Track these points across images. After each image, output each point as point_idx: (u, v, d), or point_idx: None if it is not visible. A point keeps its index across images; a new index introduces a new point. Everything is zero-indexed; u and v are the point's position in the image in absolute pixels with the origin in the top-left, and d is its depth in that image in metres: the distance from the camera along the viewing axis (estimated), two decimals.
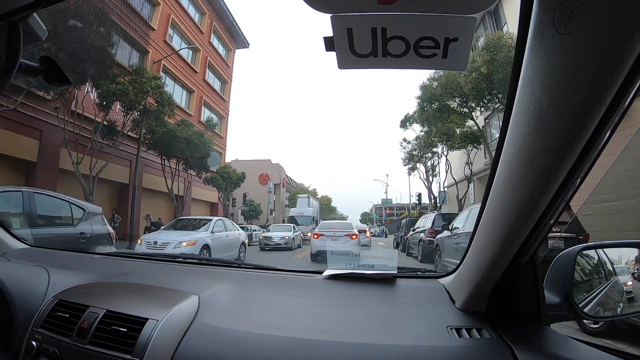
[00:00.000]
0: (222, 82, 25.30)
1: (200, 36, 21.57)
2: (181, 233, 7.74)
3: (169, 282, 1.11)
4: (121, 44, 13.10)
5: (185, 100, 20.69)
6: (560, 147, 0.51)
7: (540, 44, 0.47)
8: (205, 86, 22.33)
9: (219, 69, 24.25)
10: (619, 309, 0.91)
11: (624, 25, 0.39)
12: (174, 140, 14.71)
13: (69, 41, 9.34)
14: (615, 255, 0.92)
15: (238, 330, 0.83)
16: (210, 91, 23.22)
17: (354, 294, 1.07)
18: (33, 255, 1.45)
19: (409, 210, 32.66)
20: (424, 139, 18.74)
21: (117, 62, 12.27)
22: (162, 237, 7.41)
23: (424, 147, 19.19)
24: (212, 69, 23.38)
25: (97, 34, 10.67)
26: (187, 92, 20.91)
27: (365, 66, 0.56)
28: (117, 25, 12.17)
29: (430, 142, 18.11)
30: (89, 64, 10.48)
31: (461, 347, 0.75)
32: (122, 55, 13.05)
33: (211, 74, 23.49)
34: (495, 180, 0.65)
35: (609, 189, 5.95)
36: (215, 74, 24.15)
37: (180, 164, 16.40)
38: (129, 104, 12.56)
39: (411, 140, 20.53)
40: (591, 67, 0.43)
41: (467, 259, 0.88)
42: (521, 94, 0.53)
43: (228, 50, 25.75)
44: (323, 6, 0.49)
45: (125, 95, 11.98)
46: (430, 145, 18.49)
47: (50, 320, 0.92)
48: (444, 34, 0.52)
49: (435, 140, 17.27)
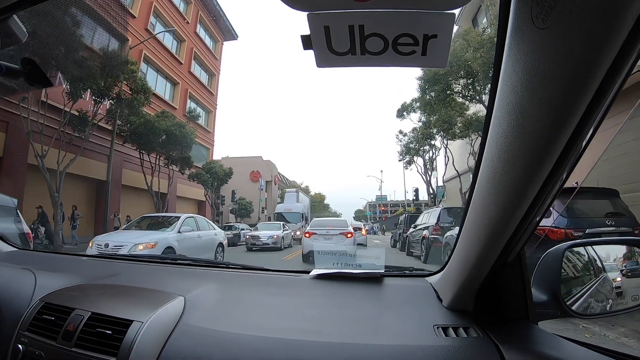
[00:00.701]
0: (210, 75, 25.07)
1: (186, 26, 21.29)
2: (140, 233, 6.98)
3: (155, 284, 1.13)
4: (98, 31, 12.65)
5: (169, 92, 20.40)
6: (542, 144, 0.52)
7: (520, 39, 0.47)
8: (191, 78, 22.08)
9: (206, 60, 24.00)
10: (608, 306, 0.95)
11: (602, 17, 0.39)
12: (151, 132, 14.13)
13: (41, 26, 8.93)
14: (602, 253, 0.95)
15: (224, 331, 0.85)
16: (197, 84, 22.96)
17: (341, 294, 1.09)
18: (20, 258, 1.48)
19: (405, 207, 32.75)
20: (422, 131, 18.34)
21: (92, 49, 11.75)
22: (116, 239, 6.58)
23: (422, 139, 18.81)
24: (198, 60, 23.13)
25: (72, 19, 10.25)
26: (171, 84, 20.57)
27: (343, 64, 0.57)
28: (93, 10, 11.74)
29: (428, 133, 17.68)
30: (61, 50, 9.99)
31: (448, 347, 0.77)
32: (98, 42, 12.54)
33: (197, 66, 23.27)
34: (478, 179, 0.67)
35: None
36: (202, 66, 23.92)
37: (161, 159, 15.83)
38: (98, 91, 11.95)
39: (407, 133, 20.22)
40: (571, 62, 0.43)
41: (453, 258, 0.90)
42: (502, 91, 0.54)
43: (215, 41, 25.54)
44: (299, 4, 0.50)
45: (94, 81, 11.34)
46: (429, 137, 18.10)
47: (37, 323, 0.94)
48: (423, 30, 0.52)
49: (434, 132, 16.83)
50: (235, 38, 26.86)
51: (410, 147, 20.15)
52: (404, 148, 20.48)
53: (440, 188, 20.85)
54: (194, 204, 23.09)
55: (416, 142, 19.72)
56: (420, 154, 20.27)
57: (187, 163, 17.14)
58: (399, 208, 43.46)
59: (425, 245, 8.50)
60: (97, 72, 11.38)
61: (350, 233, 8.86)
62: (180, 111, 19.94)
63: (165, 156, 15.91)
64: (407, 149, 20.35)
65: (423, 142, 19.13)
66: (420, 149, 19.96)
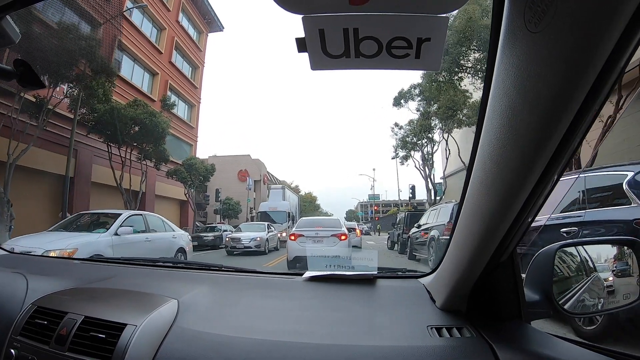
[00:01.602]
0: (193, 67, 24.59)
1: (167, 14, 20.76)
2: (64, 235, 5.81)
3: (148, 287, 1.16)
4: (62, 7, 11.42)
5: (147, 83, 19.66)
6: (534, 145, 0.55)
7: (513, 42, 0.50)
8: (171, 69, 21.56)
9: (189, 51, 23.53)
10: (599, 305, 1.00)
11: (594, 21, 0.41)
12: (119, 122, 12.97)
13: None
14: (594, 252, 1.00)
15: (217, 334, 0.88)
16: (178, 75, 22.45)
17: (334, 296, 1.13)
18: (11, 262, 1.50)
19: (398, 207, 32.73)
20: (420, 122, 17.49)
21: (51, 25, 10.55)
22: (24, 243, 5.35)
23: (420, 132, 17.99)
24: (180, 51, 22.64)
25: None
26: (149, 74, 19.71)
27: (338, 67, 0.60)
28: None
29: (427, 124, 16.81)
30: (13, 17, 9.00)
31: (441, 347, 0.81)
32: (66, 18, 11.30)
33: (179, 57, 22.77)
34: (471, 180, 0.71)
35: None
36: (185, 57, 23.43)
37: (133, 152, 14.64)
38: (56, 73, 10.69)
39: (404, 125, 19.46)
40: (562, 65, 0.45)
41: (446, 258, 0.94)
42: (494, 93, 0.57)
43: (200, 32, 25.09)
44: (294, 7, 0.52)
45: (52, 62, 10.14)
46: (427, 129, 17.27)
47: (29, 328, 0.96)
48: (416, 34, 0.56)
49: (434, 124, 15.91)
50: (221, 29, 26.51)
51: (407, 141, 19.34)
52: (400, 142, 19.72)
53: (439, 185, 20.16)
54: (176, 204, 22.45)
55: (413, 135, 18.97)
56: (419, 147, 19.49)
57: (162, 158, 15.80)
58: (391, 208, 43.53)
59: (435, 248, 7.84)
60: (59, 51, 10.40)
61: (344, 235, 7.84)
62: (160, 104, 18.82)
63: (139, 150, 14.75)
64: (403, 142, 19.54)
65: (421, 134, 18.37)
66: (418, 142, 19.20)
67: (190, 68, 24.33)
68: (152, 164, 16.08)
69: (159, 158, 15.80)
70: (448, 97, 14.54)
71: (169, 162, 17.28)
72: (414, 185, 21.25)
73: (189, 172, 18.90)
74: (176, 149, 19.95)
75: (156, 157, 15.63)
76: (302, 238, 7.68)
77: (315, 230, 7.89)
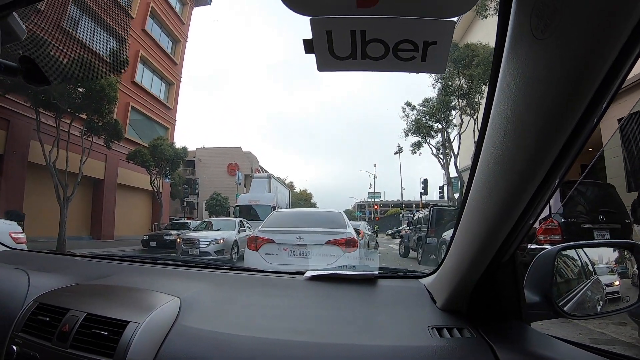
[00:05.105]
0: (173, 41, 21.93)
1: None
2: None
3: (150, 284, 1.17)
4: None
5: (112, 50, 14.86)
6: (537, 150, 0.57)
7: (518, 48, 0.52)
8: (144, 37, 18.58)
9: (168, 22, 20.73)
10: (599, 307, 1.03)
11: (600, 28, 0.43)
12: (53, 79, 9.70)
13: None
14: (594, 255, 1.03)
15: (219, 332, 0.90)
16: (153, 46, 19.37)
17: (335, 295, 1.16)
18: (13, 258, 1.52)
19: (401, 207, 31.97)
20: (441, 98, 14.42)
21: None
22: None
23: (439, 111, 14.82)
24: (156, 19, 19.71)
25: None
26: (115, 40, 15.50)
27: (344, 68, 0.62)
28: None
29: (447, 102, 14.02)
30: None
31: (442, 347, 0.83)
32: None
33: (156, 26, 19.89)
34: (474, 181, 0.73)
35: None
36: (163, 28, 20.63)
37: (75, 125, 11.61)
38: None
39: (417, 105, 16.32)
40: (567, 71, 0.47)
41: (447, 259, 0.96)
42: (499, 96, 0.59)
43: (183, 4, 22.56)
44: (302, 8, 0.54)
45: None
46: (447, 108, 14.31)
47: (31, 324, 0.98)
48: (423, 37, 0.58)
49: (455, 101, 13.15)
50: (208, 3, 24.03)
51: (421, 124, 16.05)
52: (412, 125, 16.41)
53: (455, 179, 16.85)
54: (146, 196, 18.76)
55: (430, 116, 15.77)
56: (436, 130, 16.20)
57: (114, 134, 12.41)
58: (389, 208, 42.88)
59: None
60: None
61: (352, 241, 4.37)
62: (128, 76, 16.16)
63: (81, 121, 11.65)
64: (417, 125, 16.21)
65: (441, 113, 15.10)
66: (436, 125, 15.96)
67: (169, 41, 21.71)
68: (103, 142, 12.85)
69: (111, 135, 12.44)
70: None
71: (132, 143, 14.93)
72: (426, 179, 18.60)
73: (152, 155, 15.55)
74: (145, 130, 17.84)
75: (106, 132, 12.30)
76: (272, 247, 4.68)
77: (297, 233, 4.69)
